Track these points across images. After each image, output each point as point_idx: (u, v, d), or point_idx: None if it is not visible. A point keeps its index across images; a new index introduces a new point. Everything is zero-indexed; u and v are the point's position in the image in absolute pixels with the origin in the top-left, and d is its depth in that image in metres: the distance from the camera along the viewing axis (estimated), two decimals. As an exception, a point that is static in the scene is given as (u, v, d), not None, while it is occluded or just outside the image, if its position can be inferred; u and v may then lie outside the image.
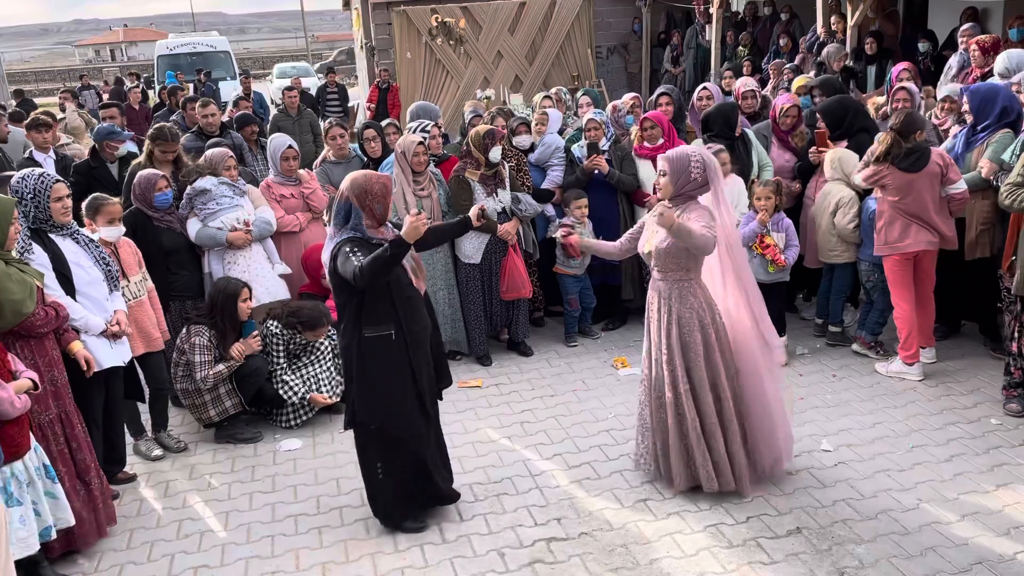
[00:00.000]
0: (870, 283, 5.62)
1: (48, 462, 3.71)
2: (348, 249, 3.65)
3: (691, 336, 4.02)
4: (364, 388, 3.82)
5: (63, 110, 12.07)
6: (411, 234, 3.61)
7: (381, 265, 3.57)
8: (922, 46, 10.47)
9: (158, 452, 4.93)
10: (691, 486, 4.16)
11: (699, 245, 3.82)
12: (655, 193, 4.71)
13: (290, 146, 5.88)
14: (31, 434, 3.61)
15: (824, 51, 9.49)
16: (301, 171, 5.96)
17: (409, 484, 3.97)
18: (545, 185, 6.27)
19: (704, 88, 6.99)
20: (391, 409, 3.84)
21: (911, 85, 6.19)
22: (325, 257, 3.79)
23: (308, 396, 5.15)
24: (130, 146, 6.84)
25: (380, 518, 4.06)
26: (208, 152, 5.65)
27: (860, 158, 5.44)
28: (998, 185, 5.00)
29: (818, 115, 5.98)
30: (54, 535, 3.70)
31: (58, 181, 4.08)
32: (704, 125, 6.13)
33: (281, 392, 5.11)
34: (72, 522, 3.79)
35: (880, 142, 5.11)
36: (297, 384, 5.15)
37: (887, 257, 5.23)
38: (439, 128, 6.31)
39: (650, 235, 4.09)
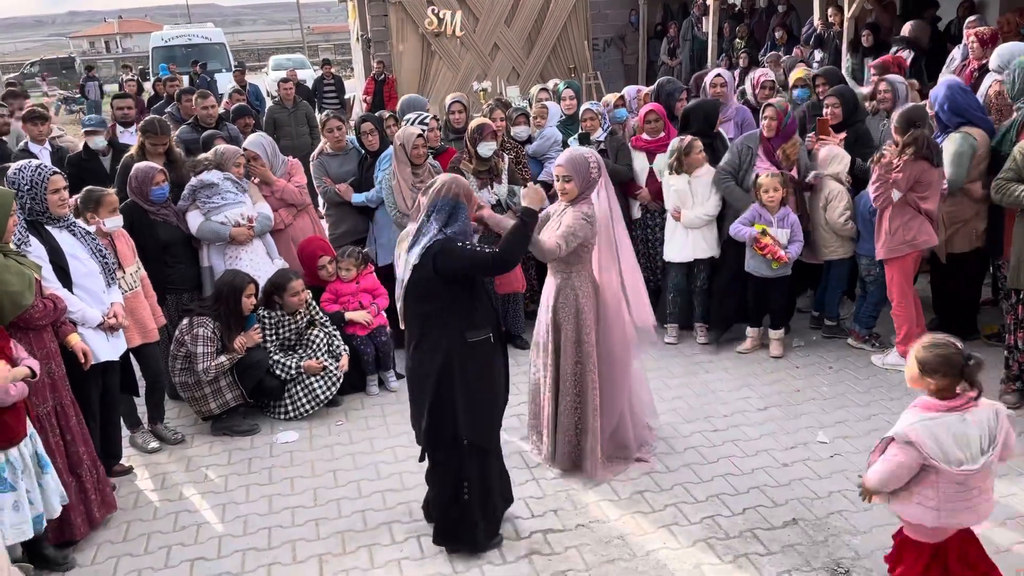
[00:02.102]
0: (870, 277, 5.60)
1: (41, 451, 3.70)
2: (459, 243, 3.41)
3: (562, 327, 4.26)
4: (468, 400, 3.53)
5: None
6: (535, 200, 3.62)
7: (521, 238, 3.56)
8: (917, 38, 10.43)
9: (155, 444, 4.93)
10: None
11: (544, 252, 4.05)
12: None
13: (245, 149, 5.75)
14: (28, 422, 3.61)
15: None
16: (266, 169, 5.80)
17: (492, 499, 3.78)
18: (542, 178, 6.26)
19: (718, 75, 6.90)
20: (493, 421, 3.68)
21: (893, 77, 6.15)
22: (412, 257, 3.46)
23: (303, 364, 5.17)
24: (128, 139, 6.81)
25: (467, 547, 3.72)
26: (220, 146, 5.60)
27: (857, 148, 5.43)
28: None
29: (829, 99, 5.83)
30: (44, 524, 3.70)
31: (55, 173, 4.07)
32: (684, 120, 6.07)
33: (276, 371, 5.12)
34: (57, 512, 3.76)
35: (908, 143, 4.87)
36: (289, 360, 5.17)
37: (903, 257, 5.11)
38: (437, 120, 6.29)
39: (545, 230, 4.26)
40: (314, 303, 5.39)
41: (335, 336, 5.37)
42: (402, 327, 3.66)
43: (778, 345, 5.69)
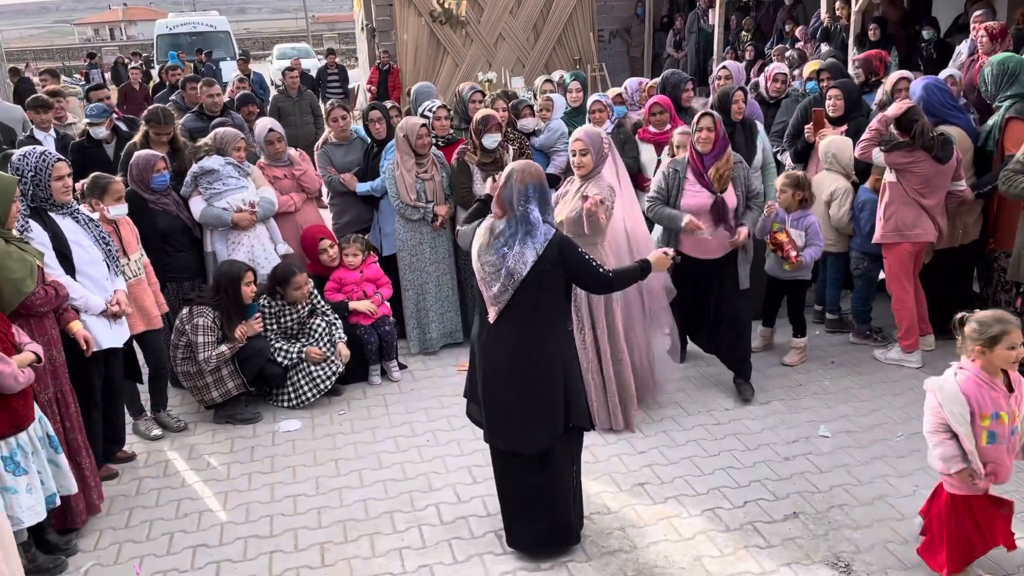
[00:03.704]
0: (857, 271, 5.62)
1: (52, 432, 3.72)
2: (579, 248, 3.55)
3: (598, 299, 4.55)
4: (574, 386, 3.61)
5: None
6: (662, 266, 3.86)
7: (633, 278, 3.78)
8: (926, 33, 10.42)
9: (157, 432, 4.94)
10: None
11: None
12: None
13: (271, 129, 5.81)
14: (36, 405, 3.62)
15: None
16: (292, 151, 5.91)
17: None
18: (550, 170, 6.24)
19: (723, 67, 6.88)
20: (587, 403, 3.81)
21: (910, 74, 6.12)
22: (528, 247, 3.41)
23: (305, 351, 5.17)
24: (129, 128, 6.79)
25: (577, 535, 3.74)
26: (219, 130, 5.59)
27: (856, 143, 5.41)
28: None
29: (831, 92, 5.81)
30: (58, 502, 3.72)
31: (59, 160, 4.06)
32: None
33: (278, 357, 5.13)
34: (75, 489, 3.81)
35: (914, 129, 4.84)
36: (291, 346, 5.18)
37: (895, 246, 5.09)
38: (446, 109, 6.25)
39: (561, 206, 4.53)
40: (316, 291, 5.40)
41: (336, 325, 5.37)
42: (492, 320, 3.51)
43: (796, 354, 5.54)
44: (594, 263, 3.56)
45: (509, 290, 3.43)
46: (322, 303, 5.42)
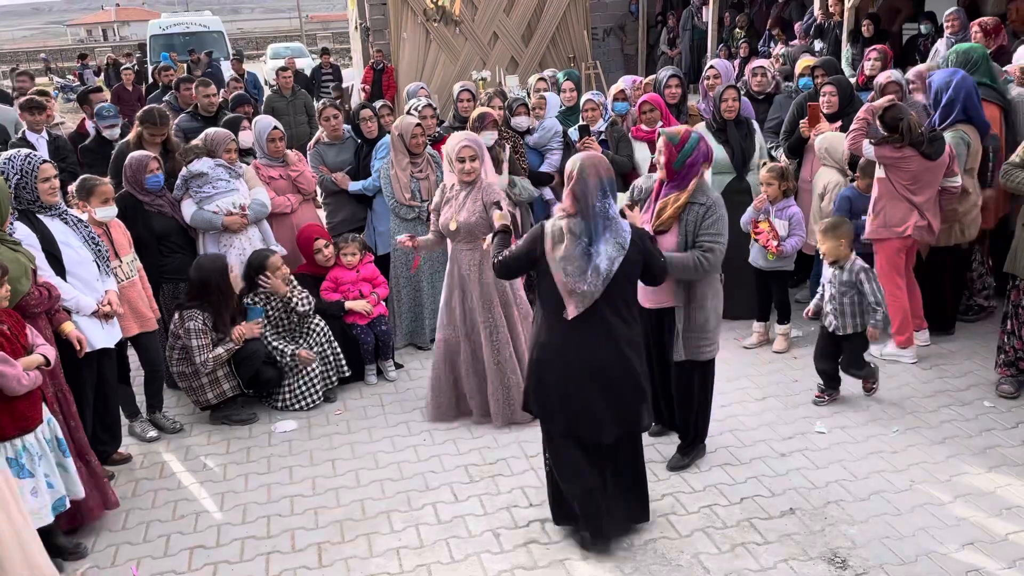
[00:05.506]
0: None
1: (61, 435, 3.71)
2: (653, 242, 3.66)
3: (495, 293, 4.66)
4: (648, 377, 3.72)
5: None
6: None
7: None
8: (923, 28, 10.42)
9: (153, 433, 4.93)
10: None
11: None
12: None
13: (275, 127, 5.80)
14: (45, 408, 3.61)
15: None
16: (289, 152, 5.90)
17: None
18: (544, 169, 6.25)
19: (711, 67, 6.91)
20: None
21: (901, 78, 6.12)
22: (619, 242, 3.40)
23: (297, 354, 5.13)
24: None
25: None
26: (210, 131, 5.55)
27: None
28: None
29: (826, 88, 5.82)
30: (68, 504, 3.71)
31: (45, 162, 4.04)
32: None
33: (275, 356, 5.12)
34: (82, 494, 3.81)
35: (902, 125, 4.87)
36: (286, 347, 5.17)
37: (885, 242, 5.11)
38: (432, 108, 6.24)
39: (452, 214, 4.59)
40: (293, 278, 5.33)
41: (321, 325, 5.36)
42: (569, 316, 3.42)
43: (782, 340, 5.64)
44: (657, 251, 3.68)
45: (600, 287, 3.39)
46: (301, 294, 5.26)
